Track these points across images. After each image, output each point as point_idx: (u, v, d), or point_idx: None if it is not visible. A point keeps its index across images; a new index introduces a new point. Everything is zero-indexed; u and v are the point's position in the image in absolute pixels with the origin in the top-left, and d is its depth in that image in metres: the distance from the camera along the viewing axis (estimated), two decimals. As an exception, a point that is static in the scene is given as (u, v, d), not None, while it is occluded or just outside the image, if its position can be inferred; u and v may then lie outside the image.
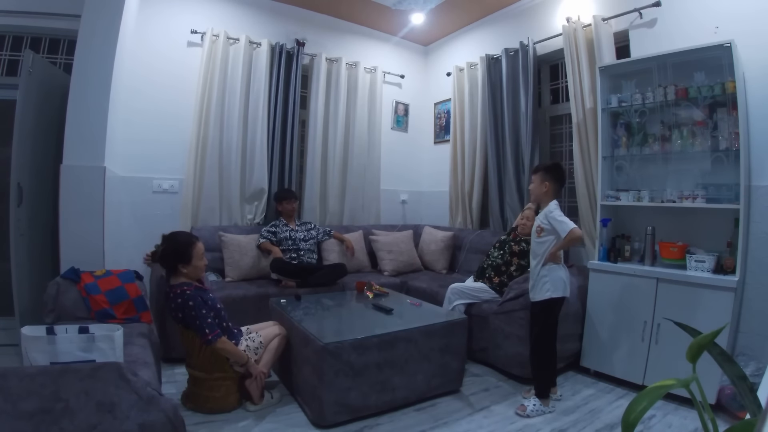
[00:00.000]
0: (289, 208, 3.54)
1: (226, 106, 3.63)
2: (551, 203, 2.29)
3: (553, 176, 2.32)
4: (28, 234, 2.60)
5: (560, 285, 2.26)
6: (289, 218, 3.57)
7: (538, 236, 2.31)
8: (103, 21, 2.59)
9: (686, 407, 2.26)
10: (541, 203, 2.37)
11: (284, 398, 2.31)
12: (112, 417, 1.20)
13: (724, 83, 2.32)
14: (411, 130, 4.92)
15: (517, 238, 2.97)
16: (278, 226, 3.49)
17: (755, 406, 0.81)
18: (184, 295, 2.04)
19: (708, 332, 0.88)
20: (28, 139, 2.58)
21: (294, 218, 3.62)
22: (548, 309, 2.27)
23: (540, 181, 2.34)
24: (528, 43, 3.53)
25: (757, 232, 2.33)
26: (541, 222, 2.29)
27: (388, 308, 2.56)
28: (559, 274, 2.26)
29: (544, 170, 2.35)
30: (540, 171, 2.36)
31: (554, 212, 2.24)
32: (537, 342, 2.31)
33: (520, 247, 2.93)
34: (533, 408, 2.23)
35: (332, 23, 4.27)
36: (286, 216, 3.56)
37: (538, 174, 2.36)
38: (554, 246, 2.25)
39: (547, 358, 2.30)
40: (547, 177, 2.32)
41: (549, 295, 2.24)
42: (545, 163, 2.43)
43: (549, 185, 2.31)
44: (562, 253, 2.30)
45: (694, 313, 2.25)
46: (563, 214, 2.24)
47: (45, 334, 1.58)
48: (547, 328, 2.29)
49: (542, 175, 2.34)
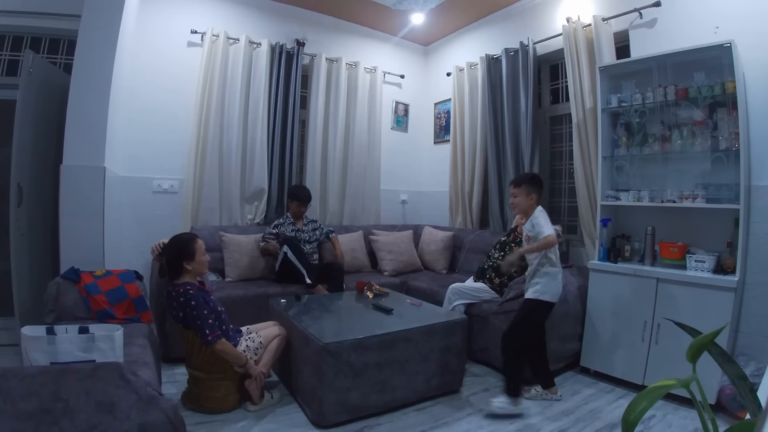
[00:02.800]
0: (297, 210, 3.48)
1: (226, 106, 3.62)
2: (536, 210, 2.32)
3: (537, 187, 2.38)
4: (28, 234, 2.59)
5: (552, 290, 2.27)
6: (297, 218, 3.53)
7: (527, 243, 2.35)
8: (103, 21, 2.59)
9: (686, 407, 2.26)
10: (527, 213, 2.38)
11: (284, 398, 2.31)
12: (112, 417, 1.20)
13: (724, 83, 2.32)
14: (411, 130, 4.92)
15: (517, 239, 2.97)
16: (284, 224, 3.43)
17: (755, 406, 0.81)
18: (186, 295, 2.04)
19: (708, 332, 0.88)
20: (28, 139, 2.58)
21: (301, 218, 3.56)
22: (535, 308, 2.28)
23: (526, 193, 2.36)
24: (528, 43, 3.53)
25: (757, 232, 2.33)
26: (528, 231, 2.33)
27: (388, 308, 2.56)
28: (554, 280, 2.28)
29: (528, 183, 2.38)
30: (524, 184, 2.38)
31: (539, 217, 2.28)
32: (511, 330, 2.29)
33: None
34: (498, 405, 2.16)
35: (332, 23, 4.27)
36: (294, 216, 3.51)
37: (522, 187, 2.37)
38: (529, 246, 2.29)
39: (517, 350, 2.27)
40: (532, 189, 2.37)
41: (536, 296, 2.26)
42: (526, 176, 2.47)
43: (535, 196, 2.36)
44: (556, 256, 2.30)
45: (694, 313, 2.25)
46: (548, 219, 2.27)
47: (45, 334, 1.58)
48: (526, 323, 2.28)
49: (527, 188, 2.37)
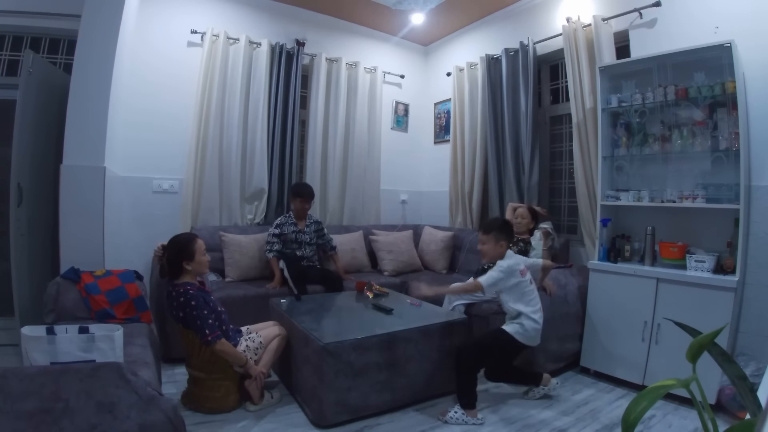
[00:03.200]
0: (301, 208, 3.36)
1: (226, 106, 3.62)
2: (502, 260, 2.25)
3: (506, 235, 2.30)
4: (28, 234, 2.59)
5: (529, 334, 2.21)
6: (300, 218, 3.42)
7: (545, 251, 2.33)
8: (103, 21, 2.59)
9: (686, 407, 2.26)
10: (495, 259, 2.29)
11: (284, 398, 2.31)
12: (112, 417, 1.20)
13: (724, 83, 2.31)
14: (411, 130, 4.92)
15: (514, 239, 2.97)
16: (285, 225, 3.33)
17: (755, 406, 0.81)
18: (186, 294, 2.04)
19: (708, 332, 0.88)
20: (28, 139, 2.58)
21: (305, 218, 3.45)
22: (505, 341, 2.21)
23: (494, 241, 2.26)
24: (528, 43, 3.53)
25: (757, 232, 2.33)
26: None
27: (388, 308, 2.56)
28: (533, 325, 2.21)
29: (498, 231, 2.27)
30: (494, 231, 2.27)
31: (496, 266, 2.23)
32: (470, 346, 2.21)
33: (518, 248, 2.92)
34: (453, 415, 2.11)
35: (332, 23, 4.27)
36: (297, 214, 3.40)
37: (491, 235, 2.26)
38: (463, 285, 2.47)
39: (469, 367, 2.17)
40: (501, 237, 2.27)
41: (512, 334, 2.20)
42: (495, 223, 2.36)
43: (504, 244, 2.27)
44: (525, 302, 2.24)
45: (694, 313, 2.25)
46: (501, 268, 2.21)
47: (45, 334, 1.58)
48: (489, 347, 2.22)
49: (496, 236, 2.26)
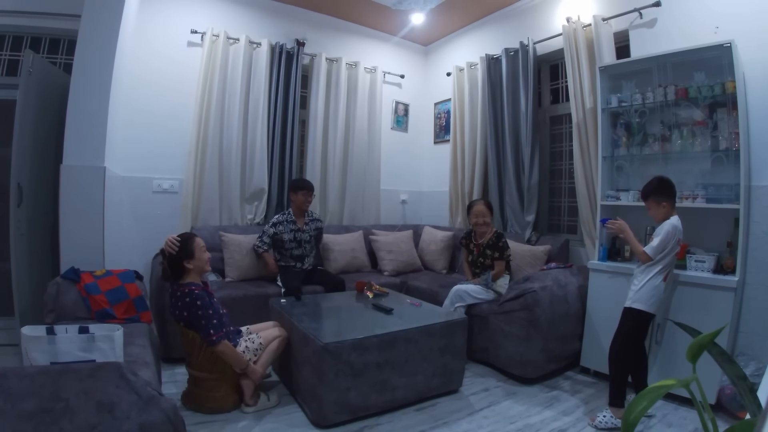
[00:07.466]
0: (305, 201, 3.28)
1: (226, 106, 3.62)
2: (667, 222, 2.18)
3: (663, 194, 2.21)
4: (28, 234, 2.59)
5: (644, 299, 2.18)
6: (300, 215, 3.35)
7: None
8: (103, 21, 2.58)
9: (686, 407, 2.26)
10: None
11: (284, 398, 2.31)
12: (112, 417, 1.20)
13: (724, 83, 2.32)
14: (411, 130, 4.92)
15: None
16: (283, 223, 3.28)
17: (755, 406, 0.81)
18: (192, 294, 2.04)
19: (708, 332, 0.88)
20: (28, 139, 2.58)
21: (305, 215, 3.39)
22: (636, 318, 2.19)
23: (656, 204, 2.21)
24: (528, 43, 3.53)
25: (757, 232, 2.33)
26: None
27: (388, 308, 2.56)
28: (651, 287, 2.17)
29: (654, 193, 2.21)
30: (650, 196, 2.21)
31: (662, 229, 2.17)
32: (613, 339, 2.22)
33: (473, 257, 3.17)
34: (602, 420, 2.11)
35: (332, 23, 4.27)
36: (297, 210, 3.34)
37: (650, 200, 2.22)
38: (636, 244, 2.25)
39: (615, 359, 2.19)
40: (661, 198, 2.19)
41: (629, 304, 2.20)
42: (649, 186, 2.24)
43: (666, 204, 2.20)
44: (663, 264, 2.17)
45: (694, 313, 2.25)
46: (667, 237, 2.13)
47: (45, 334, 1.58)
48: (625, 331, 2.20)
49: (655, 198, 2.20)
